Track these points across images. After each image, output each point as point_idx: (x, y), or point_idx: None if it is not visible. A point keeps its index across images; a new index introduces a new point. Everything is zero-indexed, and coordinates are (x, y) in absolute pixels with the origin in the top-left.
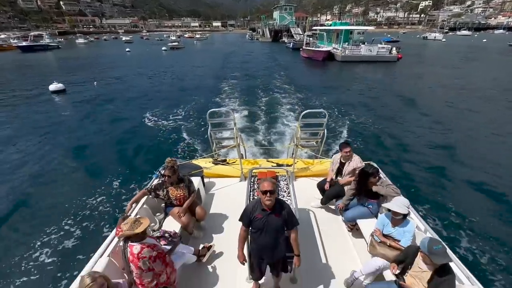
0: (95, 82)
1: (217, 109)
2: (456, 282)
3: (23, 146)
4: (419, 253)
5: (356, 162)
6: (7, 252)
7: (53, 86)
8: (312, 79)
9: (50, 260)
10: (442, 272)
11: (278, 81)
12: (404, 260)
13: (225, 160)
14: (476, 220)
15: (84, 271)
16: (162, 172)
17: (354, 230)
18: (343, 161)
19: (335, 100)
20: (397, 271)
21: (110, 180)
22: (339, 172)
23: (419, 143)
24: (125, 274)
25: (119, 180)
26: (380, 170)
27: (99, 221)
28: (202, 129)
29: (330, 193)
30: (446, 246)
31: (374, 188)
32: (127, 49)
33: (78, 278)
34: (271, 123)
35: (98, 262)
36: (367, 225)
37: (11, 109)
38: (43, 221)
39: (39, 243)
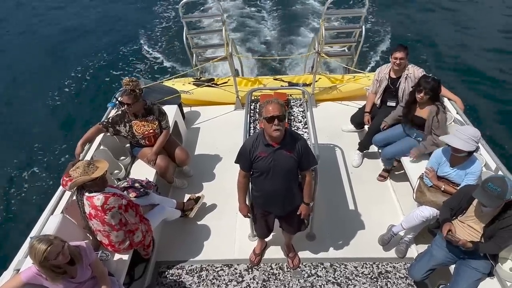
0: None
1: None
2: None
3: None
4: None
5: (416, 72)
6: None
7: None
8: None
9: None
10: (505, 214)
11: None
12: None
13: (212, 80)
14: None
15: (34, 233)
16: (120, 98)
17: (396, 171)
18: (394, 76)
19: None
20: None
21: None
22: (386, 94)
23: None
24: (88, 235)
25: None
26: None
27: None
28: (175, 33)
29: (373, 130)
30: None
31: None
32: None
33: (27, 241)
34: (281, 19)
35: (49, 222)
36: (415, 165)
37: None
38: None
39: None
